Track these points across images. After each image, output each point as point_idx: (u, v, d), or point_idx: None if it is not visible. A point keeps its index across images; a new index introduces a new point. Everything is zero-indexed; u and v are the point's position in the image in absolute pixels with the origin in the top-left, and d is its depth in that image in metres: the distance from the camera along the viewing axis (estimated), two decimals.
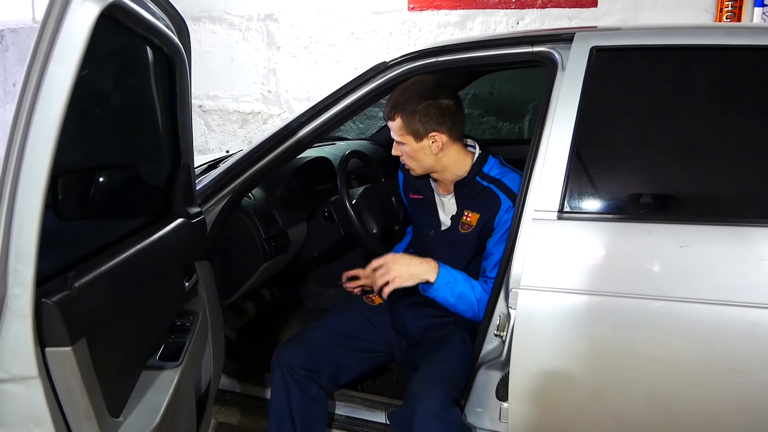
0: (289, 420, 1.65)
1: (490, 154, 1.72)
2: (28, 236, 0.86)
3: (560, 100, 1.42)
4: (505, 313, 1.44)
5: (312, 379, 1.67)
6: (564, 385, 1.39)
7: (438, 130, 1.59)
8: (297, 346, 1.72)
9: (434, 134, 1.59)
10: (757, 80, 1.40)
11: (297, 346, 1.72)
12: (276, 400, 1.67)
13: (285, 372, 1.66)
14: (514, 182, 1.63)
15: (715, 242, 1.29)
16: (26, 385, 0.92)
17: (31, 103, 0.81)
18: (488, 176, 1.67)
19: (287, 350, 1.71)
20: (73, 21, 0.82)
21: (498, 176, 1.66)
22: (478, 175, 1.67)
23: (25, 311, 0.88)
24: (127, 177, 1.28)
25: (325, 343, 1.72)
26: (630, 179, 1.43)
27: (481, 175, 1.67)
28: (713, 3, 2.96)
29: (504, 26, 3.24)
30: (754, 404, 1.28)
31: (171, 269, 1.39)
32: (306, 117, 1.71)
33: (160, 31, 1.15)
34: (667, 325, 1.30)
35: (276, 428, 1.66)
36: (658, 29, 1.58)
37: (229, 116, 3.83)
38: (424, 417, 1.44)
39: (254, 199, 1.96)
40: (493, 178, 1.66)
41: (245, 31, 3.65)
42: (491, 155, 1.71)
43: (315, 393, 1.67)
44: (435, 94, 1.59)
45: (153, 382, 1.25)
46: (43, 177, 0.84)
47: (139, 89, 1.32)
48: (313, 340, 1.73)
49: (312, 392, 1.67)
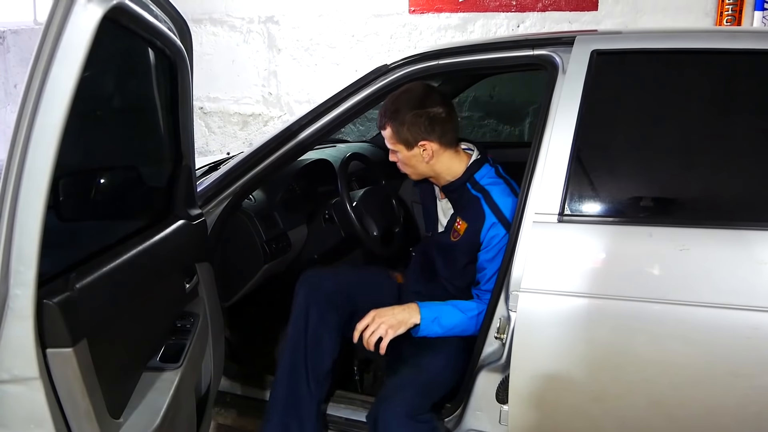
0: (303, 346, 1.66)
1: (487, 161, 1.71)
2: (29, 237, 0.86)
3: (561, 103, 1.42)
4: (506, 315, 1.44)
5: (332, 309, 1.69)
6: (564, 387, 1.39)
7: (427, 139, 1.61)
8: (326, 274, 1.78)
9: (424, 143, 1.61)
10: (757, 84, 1.41)
11: (326, 274, 1.78)
12: (295, 322, 1.68)
13: (309, 293, 1.69)
14: (502, 195, 1.62)
15: (715, 245, 1.29)
16: (27, 386, 0.92)
17: (34, 105, 0.82)
18: (478, 184, 1.66)
19: (316, 274, 1.75)
20: (76, 23, 0.82)
21: (488, 186, 1.65)
22: (469, 182, 1.67)
23: (27, 312, 0.88)
24: (128, 178, 1.29)
25: (351, 284, 1.77)
26: (630, 182, 1.43)
27: (472, 182, 1.66)
28: (713, 7, 2.97)
29: (505, 29, 3.25)
30: (755, 408, 1.28)
31: (172, 271, 1.40)
32: (307, 119, 1.71)
33: (163, 34, 1.15)
34: (668, 329, 1.30)
35: (290, 353, 1.67)
36: (659, 33, 1.58)
37: (229, 118, 3.83)
38: (387, 420, 1.46)
39: (255, 201, 1.96)
40: (482, 188, 1.65)
41: (246, 33, 3.66)
42: (488, 163, 1.70)
43: (331, 323, 1.68)
44: (423, 103, 1.60)
45: (153, 384, 1.25)
46: (46, 179, 0.85)
47: (141, 91, 1.33)
48: (341, 276, 1.79)
49: (329, 321, 1.68)
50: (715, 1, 2.96)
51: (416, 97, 1.62)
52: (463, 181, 1.67)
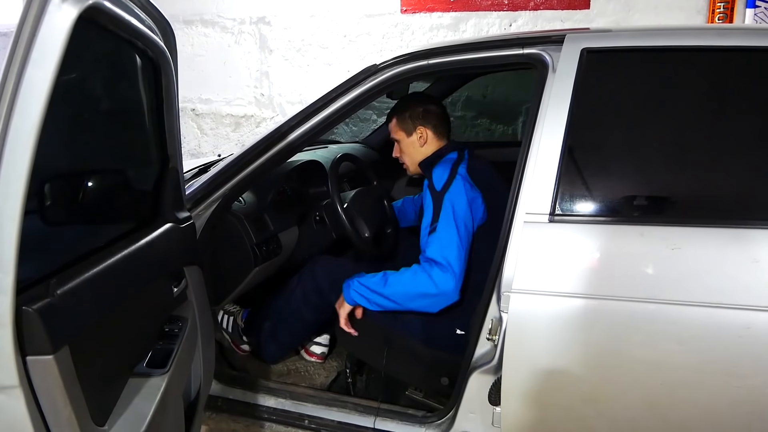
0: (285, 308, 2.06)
1: (450, 152, 1.89)
2: (7, 243, 0.84)
3: (551, 102, 1.41)
4: (497, 316, 1.43)
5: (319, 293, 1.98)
6: (557, 388, 1.38)
7: (423, 125, 1.94)
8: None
9: (420, 129, 1.94)
10: (748, 81, 1.40)
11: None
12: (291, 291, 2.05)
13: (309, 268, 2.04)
14: (439, 173, 1.79)
15: (707, 244, 1.28)
16: (7, 395, 0.90)
17: (9, 108, 0.80)
18: (434, 165, 1.85)
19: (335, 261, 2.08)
20: (50, 24, 0.80)
21: (434, 168, 1.82)
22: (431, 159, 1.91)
23: (5, 319, 0.86)
24: (113, 181, 1.26)
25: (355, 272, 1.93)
26: (621, 181, 1.42)
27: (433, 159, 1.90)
28: (705, 4, 2.96)
29: (497, 28, 3.24)
30: (748, 407, 1.27)
31: (159, 275, 1.38)
32: (296, 120, 1.70)
33: (144, 35, 1.13)
34: (660, 328, 1.29)
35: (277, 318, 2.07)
36: (649, 30, 1.57)
37: (222, 120, 3.81)
38: None
39: (245, 203, 1.95)
40: (431, 169, 1.83)
41: (238, 34, 3.64)
42: (449, 155, 1.88)
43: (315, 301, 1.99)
44: (422, 102, 1.99)
45: (140, 390, 1.23)
46: (22, 182, 0.83)
47: (125, 93, 1.31)
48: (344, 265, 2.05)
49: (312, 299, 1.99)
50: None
51: (417, 97, 2.08)
52: (429, 160, 1.91)
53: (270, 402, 1.88)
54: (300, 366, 2.22)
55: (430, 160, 1.90)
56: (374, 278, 1.74)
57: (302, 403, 1.85)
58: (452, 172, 1.77)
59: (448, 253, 1.63)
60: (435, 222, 1.69)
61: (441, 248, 1.64)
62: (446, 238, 1.65)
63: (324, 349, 2.23)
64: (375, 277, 1.75)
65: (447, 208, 1.69)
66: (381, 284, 1.72)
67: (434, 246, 1.65)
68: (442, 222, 1.67)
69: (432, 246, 1.66)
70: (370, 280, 1.75)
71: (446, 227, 1.66)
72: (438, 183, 1.76)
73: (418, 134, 1.93)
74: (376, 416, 1.74)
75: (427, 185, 1.79)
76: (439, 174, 1.78)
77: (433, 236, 1.67)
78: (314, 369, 2.21)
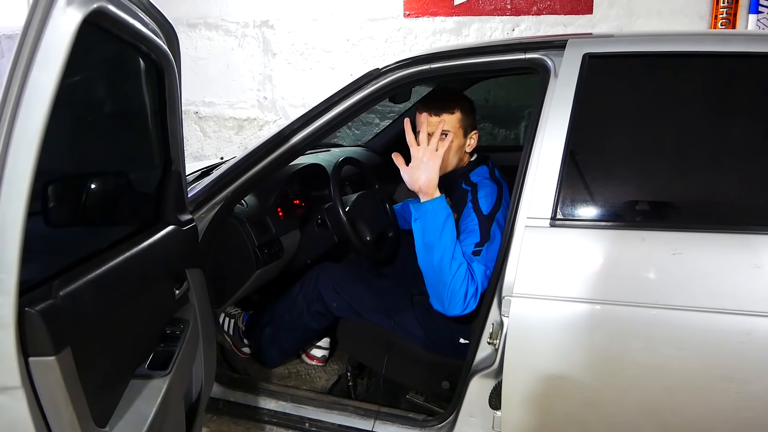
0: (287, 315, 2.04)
1: (486, 164, 1.86)
2: (10, 244, 0.85)
3: (553, 106, 1.41)
4: (498, 321, 1.43)
5: (321, 301, 1.96)
6: (557, 393, 1.37)
7: (476, 130, 1.85)
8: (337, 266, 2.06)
9: (474, 132, 1.85)
10: (750, 87, 1.40)
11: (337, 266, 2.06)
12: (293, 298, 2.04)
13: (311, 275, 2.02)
14: (486, 196, 1.73)
15: (708, 250, 1.28)
16: (9, 396, 0.90)
17: (13, 110, 0.80)
18: (470, 180, 1.81)
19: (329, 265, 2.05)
20: (55, 27, 0.81)
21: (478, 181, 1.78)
22: (463, 178, 1.83)
23: (8, 320, 0.86)
24: (116, 184, 1.27)
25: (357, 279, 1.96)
26: (623, 186, 1.42)
27: (465, 179, 1.83)
28: (708, 10, 2.97)
29: (499, 33, 3.24)
30: (749, 413, 1.27)
31: (161, 277, 1.38)
32: (299, 124, 1.70)
33: (148, 38, 1.14)
34: (661, 333, 1.29)
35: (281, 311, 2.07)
36: (651, 36, 1.58)
37: (225, 123, 3.83)
38: None
39: (247, 206, 1.95)
40: (473, 183, 1.79)
41: (241, 37, 3.66)
42: (486, 165, 1.85)
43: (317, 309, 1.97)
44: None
45: (141, 392, 1.23)
46: (26, 184, 0.83)
47: (128, 96, 1.31)
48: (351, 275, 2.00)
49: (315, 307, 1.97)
50: (710, 5, 2.97)
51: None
52: (458, 175, 1.83)
53: (271, 405, 1.88)
54: (301, 369, 2.22)
55: (468, 169, 1.84)
56: (450, 231, 1.61)
57: (303, 406, 1.84)
58: (498, 197, 1.73)
59: (485, 283, 1.58)
60: (482, 246, 1.64)
61: (483, 277, 1.59)
62: (490, 267, 1.59)
63: (325, 352, 2.23)
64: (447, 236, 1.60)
65: (495, 237, 1.64)
66: (445, 244, 1.60)
67: (480, 269, 1.60)
68: (491, 251, 1.62)
69: (479, 269, 1.60)
70: (446, 228, 1.61)
71: (492, 257, 1.60)
72: (485, 206, 1.70)
73: (471, 139, 1.84)
74: (377, 419, 1.74)
75: (471, 201, 1.72)
76: (484, 195, 1.72)
77: (481, 258, 1.62)
78: (315, 372, 2.21)
